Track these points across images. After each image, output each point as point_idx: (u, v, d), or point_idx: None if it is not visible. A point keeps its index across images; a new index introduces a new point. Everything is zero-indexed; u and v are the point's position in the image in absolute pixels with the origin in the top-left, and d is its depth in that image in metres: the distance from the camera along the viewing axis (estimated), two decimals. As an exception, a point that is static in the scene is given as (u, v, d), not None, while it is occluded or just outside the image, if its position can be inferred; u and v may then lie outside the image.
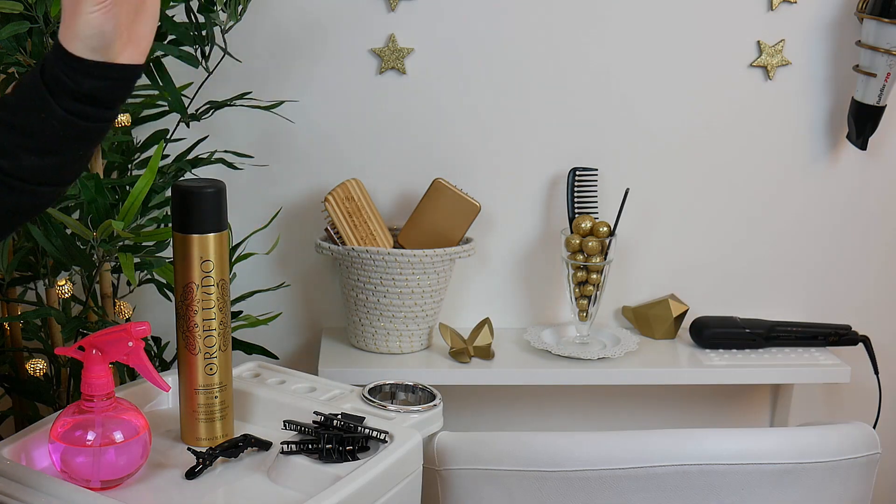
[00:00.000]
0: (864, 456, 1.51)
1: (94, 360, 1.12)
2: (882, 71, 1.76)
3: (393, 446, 1.19)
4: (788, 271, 1.95)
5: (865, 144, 1.84)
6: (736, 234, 1.92)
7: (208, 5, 1.49)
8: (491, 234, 1.88)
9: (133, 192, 1.38)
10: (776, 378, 1.85)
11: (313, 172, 1.83)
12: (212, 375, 1.22)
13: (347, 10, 1.77)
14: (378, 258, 1.70)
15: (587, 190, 1.83)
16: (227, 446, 1.20)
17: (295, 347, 1.92)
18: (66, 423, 1.13)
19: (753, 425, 2.01)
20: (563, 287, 1.89)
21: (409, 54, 1.79)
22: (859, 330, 1.89)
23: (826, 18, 1.83)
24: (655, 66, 1.83)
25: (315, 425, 1.21)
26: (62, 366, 1.55)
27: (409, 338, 1.78)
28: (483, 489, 1.47)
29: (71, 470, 1.12)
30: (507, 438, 1.49)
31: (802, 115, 1.88)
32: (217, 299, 1.20)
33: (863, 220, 1.94)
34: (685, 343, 1.89)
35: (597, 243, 1.77)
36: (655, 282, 1.93)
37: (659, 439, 1.48)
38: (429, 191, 1.76)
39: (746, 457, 1.47)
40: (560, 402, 1.97)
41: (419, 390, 1.39)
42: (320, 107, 1.80)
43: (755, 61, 1.84)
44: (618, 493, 1.46)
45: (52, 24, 1.35)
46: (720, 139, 1.88)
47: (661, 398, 1.98)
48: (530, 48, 1.81)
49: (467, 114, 1.83)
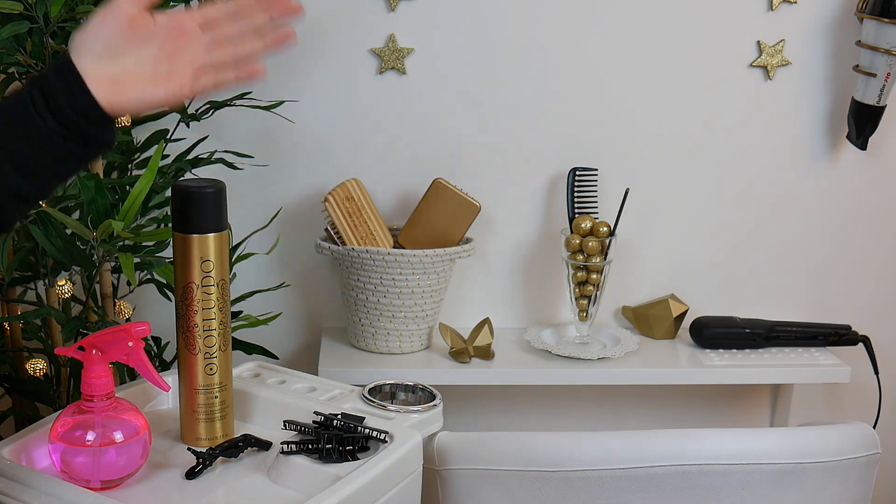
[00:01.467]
0: (864, 456, 1.51)
1: (94, 360, 1.12)
2: (882, 71, 1.76)
3: (393, 446, 1.19)
4: (788, 271, 1.95)
5: (865, 144, 1.84)
6: (736, 233, 1.92)
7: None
8: (491, 234, 1.88)
9: (133, 192, 1.38)
10: (776, 378, 1.85)
11: (313, 172, 1.83)
12: (212, 375, 1.22)
13: (347, 10, 1.77)
14: (378, 258, 1.70)
15: (587, 190, 1.83)
16: (227, 446, 1.20)
17: (295, 347, 1.92)
18: (66, 423, 1.13)
19: (753, 425, 2.01)
20: (563, 287, 1.89)
21: (409, 54, 1.79)
22: (859, 330, 1.89)
23: (826, 18, 1.83)
24: (655, 65, 1.83)
25: (315, 425, 1.21)
26: (62, 366, 1.55)
27: (409, 338, 1.78)
28: (483, 489, 1.47)
29: (71, 470, 1.12)
30: (507, 438, 1.49)
31: (802, 115, 1.88)
32: (217, 299, 1.20)
33: (863, 220, 1.94)
34: (685, 343, 1.89)
35: (597, 243, 1.77)
36: (655, 282, 1.93)
37: (659, 439, 1.48)
38: (429, 191, 1.76)
39: (746, 457, 1.47)
40: (560, 402, 1.97)
41: (419, 390, 1.39)
42: (320, 107, 1.80)
43: (755, 61, 1.84)
44: (618, 493, 1.46)
45: (51, 24, 1.35)
46: (720, 139, 1.88)
47: (661, 398, 1.98)
48: (530, 48, 1.81)
49: (467, 114, 1.83)
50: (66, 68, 0.96)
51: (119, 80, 0.97)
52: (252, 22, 1.00)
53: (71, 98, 0.95)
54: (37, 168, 0.96)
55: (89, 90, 0.96)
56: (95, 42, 0.97)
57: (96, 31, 0.97)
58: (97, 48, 0.97)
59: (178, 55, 0.98)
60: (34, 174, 0.97)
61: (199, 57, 0.98)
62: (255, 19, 1.00)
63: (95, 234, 1.39)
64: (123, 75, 0.97)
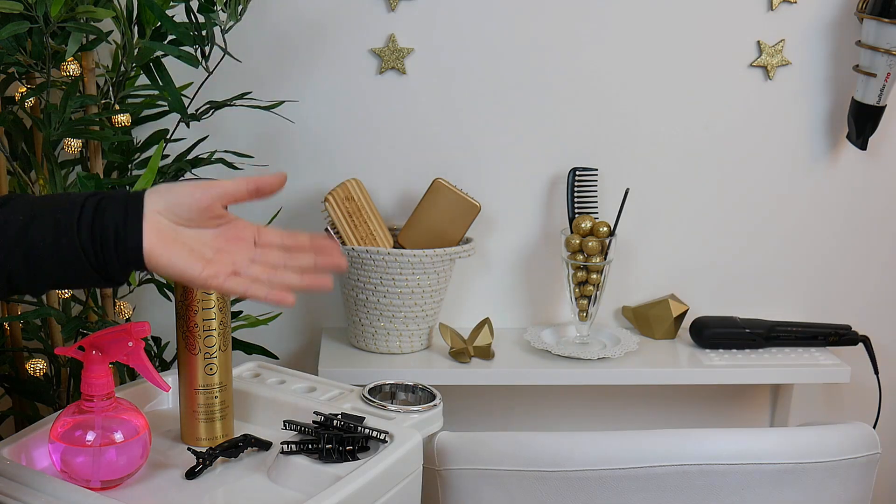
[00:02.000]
0: (863, 456, 1.51)
1: (94, 360, 1.12)
2: (882, 71, 1.76)
3: (393, 446, 1.19)
4: (788, 271, 1.95)
5: (865, 144, 1.84)
6: (736, 233, 1.92)
7: (208, 5, 1.49)
8: (491, 234, 1.88)
9: (133, 192, 1.38)
10: (776, 378, 1.85)
11: (313, 172, 1.83)
12: (212, 375, 1.22)
13: (347, 11, 1.77)
14: (378, 258, 1.70)
15: (587, 190, 1.83)
16: (227, 446, 1.20)
17: (295, 347, 1.92)
18: (66, 423, 1.13)
19: (753, 425, 2.01)
20: (563, 287, 1.89)
21: (409, 54, 1.79)
22: (859, 330, 1.89)
23: (826, 18, 1.83)
24: (655, 65, 1.83)
25: (315, 425, 1.21)
26: (62, 366, 1.55)
27: (409, 338, 1.78)
28: (483, 489, 1.47)
29: (71, 470, 1.12)
30: (507, 438, 1.49)
31: (802, 115, 1.88)
32: (217, 299, 1.20)
33: (863, 220, 1.94)
34: (685, 343, 1.89)
35: (597, 243, 1.77)
36: (655, 282, 1.93)
37: (659, 439, 1.48)
38: (429, 191, 1.76)
39: (746, 457, 1.47)
40: (560, 402, 1.97)
41: (419, 390, 1.39)
42: (320, 107, 1.80)
43: (755, 61, 1.84)
44: (618, 493, 1.46)
45: (51, 24, 1.35)
46: (720, 139, 1.88)
47: (661, 398, 1.98)
48: (530, 48, 1.81)
49: (467, 114, 1.83)
50: (134, 202, 0.98)
51: (170, 239, 0.99)
52: (298, 259, 1.04)
53: (122, 227, 0.97)
54: (43, 265, 0.97)
55: (143, 228, 0.97)
56: (173, 199, 0.99)
57: (180, 193, 1.00)
58: (171, 203, 0.99)
59: (227, 251, 1.01)
60: (37, 270, 0.97)
61: (242, 263, 1.02)
62: (303, 259, 1.04)
63: (95, 234, 1.39)
64: (175, 236, 0.99)
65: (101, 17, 1.35)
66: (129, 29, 1.44)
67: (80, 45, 1.38)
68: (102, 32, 1.41)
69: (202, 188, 1.00)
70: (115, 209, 0.97)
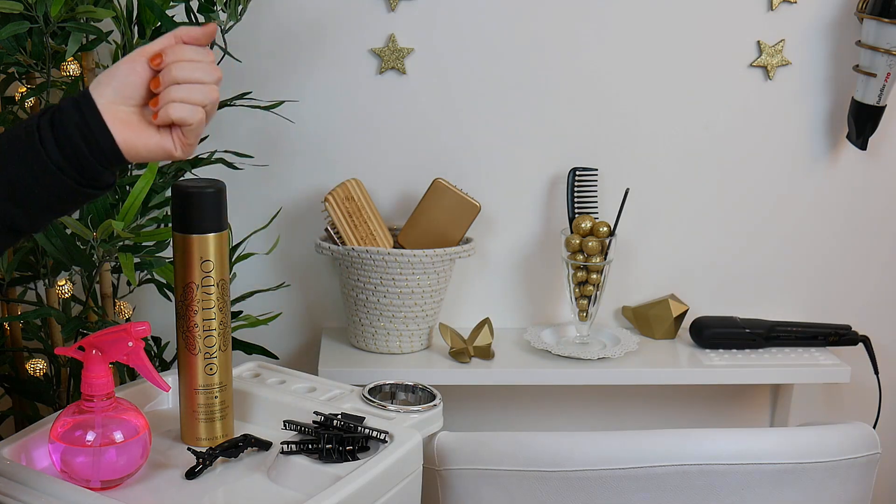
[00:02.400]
0: (863, 456, 1.51)
1: (94, 360, 1.12)
2: (882, 71, 1.76)
3: (393, 446, 1.19)
4: (788, 271, 1.95)
5: (865, 144, 1.84)
6: (736, 233, 1.92)
7: (208, 5, 1.50)
8: (491, 234, 1.88)
9: (133, 192, 1.38)
10: (776, 378, 1.85)
11: (313, 172, 1.83)
12: (212, 375, 1.22)
13: (347, 10, 1.77)
14: (378, 258, 1.70)
15: (587, 190, 1.83)
16: (227, 446, 1.20)
17: (295, 347, 1.92)
18: (66, 423, 1.13)
19: (753, 425, 2.01)
20: (563, 287, 1.89)
21: (409, 54, 1.80)
22: (859, 330, 1.89)
23: (826, 18, 1.83)
24: (655, 65, 1.83)
25: (315, 425, 1.21)
26: (62, 366, 1.56)
27: (409, 338, 1.78)
28: (483, 489, 1.47)
29: (71, 470, 1.12)
30: (507, 438, 1.49)
31: (802, 115, 1.88)
32: (217, 299, 1.20)
33: (863, 220, 1.94)
34: (685, 343, 1.89)
35: (597, 243, 1.77)
36: (655, 282, 1.93)
37: (659, 439, 1.48)
38: (429, 191, 1.76)
39: (746, 457, 1.47)
40: (560, 402, 1.97)
41: (419, 390, 1.39)
42: (320, 107, 1.80)
43: (755, 61, 1.84)
44: (618, 493, 1.46)
45: (51, 24, 1.35)
46: (720, 139, 1.88)
47: (661, 398, 1.98)
48: (530, 48, 1.81)
49: (467, 114, 1.83)
50: (86, 103, 0.96)
51: (135, 124, 0.98)
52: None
53: (87, 133, 0.95)
54: (32, 199, 0.96)
55: (106, 124, 0.96)
56: (118, 84, 0.98)
57: (121, 76, 0.98)
58: (119, 90, 0.98)
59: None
60: (28, 205, 0.97)
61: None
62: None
63: (95, 234, 1.39)
64: (139, 119, 0.98)
65: (101, 17, 1.35)
66: (129, 29, 1.44)
67: (80, 45, 1.38)
68: (102, 32, 1.41)
69: (135, 61, 0.98)
70: (70, 118, 0.95)
